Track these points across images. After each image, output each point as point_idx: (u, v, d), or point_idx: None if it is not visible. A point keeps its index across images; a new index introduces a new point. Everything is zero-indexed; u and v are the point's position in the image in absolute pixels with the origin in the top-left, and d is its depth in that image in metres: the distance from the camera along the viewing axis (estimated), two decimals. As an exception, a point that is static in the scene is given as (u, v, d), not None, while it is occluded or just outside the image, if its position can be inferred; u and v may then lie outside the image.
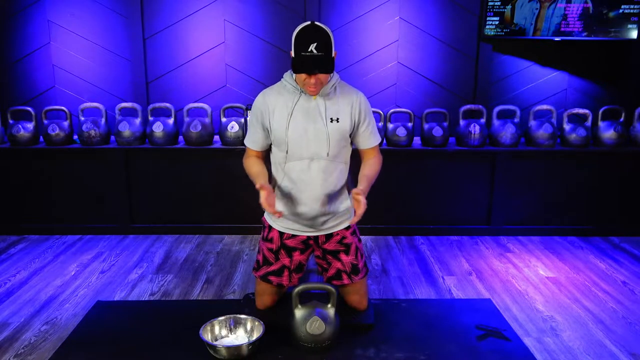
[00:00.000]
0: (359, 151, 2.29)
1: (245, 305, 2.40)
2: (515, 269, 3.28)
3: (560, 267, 3.31)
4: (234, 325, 2.13)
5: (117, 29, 4.00)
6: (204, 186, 3.79)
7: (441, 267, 3.29)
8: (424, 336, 2.20)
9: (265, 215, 2.36)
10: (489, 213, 3.84)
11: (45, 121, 3.75)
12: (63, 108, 3.76)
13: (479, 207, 3.84)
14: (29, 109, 3.75)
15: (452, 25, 4.03)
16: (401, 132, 3.72)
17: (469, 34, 4.04)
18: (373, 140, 2.26)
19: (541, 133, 3.76)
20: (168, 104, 3.78)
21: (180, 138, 3.95)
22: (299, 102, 2.13)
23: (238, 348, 1.98)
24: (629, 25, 3.85)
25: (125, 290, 2.93)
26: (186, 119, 3.77)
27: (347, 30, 4.03)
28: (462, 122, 3.80)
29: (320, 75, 2.02)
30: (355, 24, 4.03)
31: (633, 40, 3.89)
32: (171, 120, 3.75)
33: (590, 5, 3.83)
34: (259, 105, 2.18)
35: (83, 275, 3.13)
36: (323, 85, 2.09)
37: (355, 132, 2.22)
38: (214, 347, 1.98)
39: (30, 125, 3.74)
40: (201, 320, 2.10)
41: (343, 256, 2.29)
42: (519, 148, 3.78)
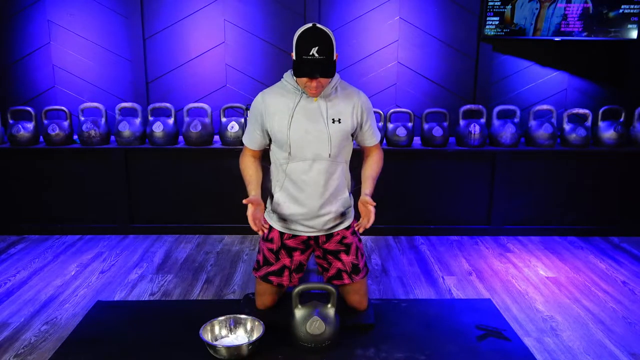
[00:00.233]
0: (361, 147, 2.33)
1: (245, 305, 2.40)
2: (515, 269, 3.27)
3: (560, 267, 3.31)
4: (234, 325, 2.13)
5: (117, 29, 4.00)
6: (204, 186, 3.79)
7: (441, 267, 3.29)
8: (424, 336, 2.20)
9: (266, 215, 2.35)
10: (489, 213, 3.84)
11: (45, 121, 3.75)
12: (63, 108, 3.76)
13: (479, 207, 3.84)
14: (29, 109, 3.75)
15: (452, 25, 4.03)
16: (401, 132, 3.72)
17: (469, 34, 4.04)
18: (375, 137, 2.29)
19: (541, 133, 3.76)
20: (168, 104, 3.78)
21: (180, 138, 3.95)
22: (300, 103, 2.12)
23: (238, 348, 1.98)
24: (629, 25, 3.85)
25: (125, 290, 2.93)
26: (186, 119, 3.77)
27: (347, 30, 4.03)
28: (462, 122, 3.80)
29: (321, 78, 2.02)
30: (355, 24, 4.03)
31: (633, 40, 3.89)
32: (171, 120, 3.75)
33: (590, 5, 3.83)
34: (258, 106, 2.17)
35: (83, 275, 3.13)
36: (324, 88, 2.09)
37: (359, 132, 2.23)
38: (214, 347, 1.98)
39: (30, 125, 3.74)
40: (201, 320, 2.10)
41: (343, 256, 2.29)
42: (519, 148, 3.78)
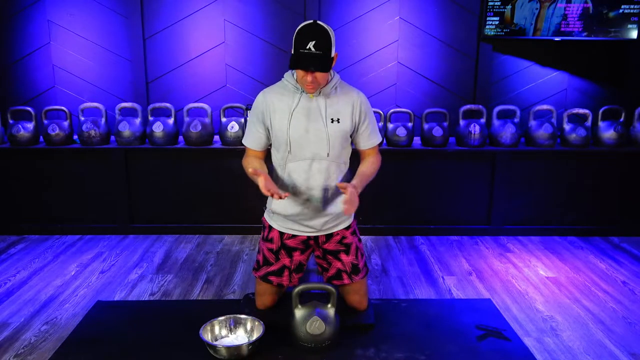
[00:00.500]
0: (358, 151, 2.29)
1: (245, 305, 2.40)
2: (515, 269, 3.27)
3: (560, 267, 3.31)
4: (234, 325, 2.13)
5: (117, 29, 4.00)
6: (204, 186, 3.79)
7: (441, 267, 3.29)
8: (424, 336, 2.20)
9: (265, 215, 2.36)
10: (489, 213, 3.84)
11: (45, 121, 3.75)
12: (63, 108, 3.76)
13: (479, 207, 3.84)
14: (29, 109, 3.75)
15: (452, 25, 4.03)
16: (401, 132, 3.72)
17: (469, 34, 4.04)
18: (372, 140, 2.25)
19: (541, 133, 3.76)
20: (168, 104, 3.78)
21: (180, 138, 3.95)
22: (300, 102, 2.12)
23: (238, 348, 1.98)
24: (629, 25, 3.85)
25: (125, 290, 2.93)
26: (186, 119, 3.77)
27: (347, 30, 4.03)
28: (462, 122, 3.80)
29: (317, 74, 2.01)
30: (355, 24, 4.03)
31: (633, 40, 3.88)
32: (171, 120, 3.75)
33: (590, 5, 3.83)
34: (260, 104, 2.17)
35: (83, 275, 3.13)
36: (321, 85, 2.09)
37: (355, 133, 2.22)
38: (214, 347, 1.98)
39: (30, 125, 3.74)
40: (201, 320, 2.10)
41: (343, 256, 2.29)
42: (519, 148, 3.78)
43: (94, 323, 2.32)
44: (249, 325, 2.13)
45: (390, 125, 3.77)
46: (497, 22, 3.90)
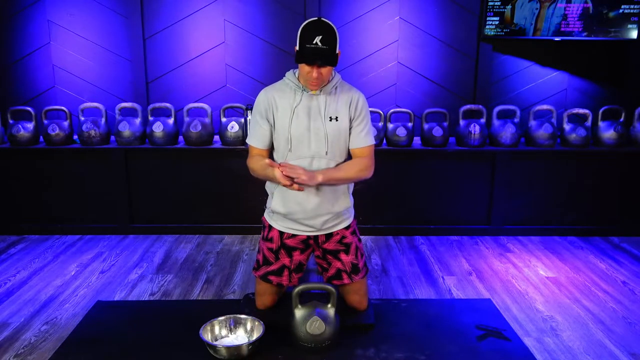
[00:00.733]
0: (350, 152, 2.24)
1: (245, 305, 2.40)
2: (515, 269, 3.27)
3: (560, 267, 3.31)
4: (234, 325, 2.14)
5: (117, 29, 4.00)
6: (204, 186, 3.79)
7: (441, 267, 3.29)
8: (424, 336, 2.20)
9: (266, 215, 2.36)
10: (489, 213, 3.84)
11: (45, 121, 3.75)
12: (63, 108, 3.76)
13: (479, 207, 3.84)
14: (29, 109, 3.75)
15: (452, 25, 4.03)
16: (401, 132, 3.72)
17: (469, 34, 4.04)
18: (364, 140, 2.20)
19: (541, 133, 3.76)
20: (168, 104, 3.78)
21: (180, 138, 3.95)
22: (302, 101, 2.13)
23: (238, 348, 1.98)
24: (629, 25, 3.85)
25: (125, 290, 2.93)
26: (186, 119, 3.77)
27: (347, 30, 4.03)
28: (462, 122, 3.80)
29: (322, 69, 2.02)
30: (355, 24, 4.03)
31: (633, 40, 3.88)
32: (171, 120, 3.75)
33: (590, 5, 3.83)
34: (262, 101, 2.18)
35: (83, 275, 3.13)
36: (324, 82, 2.10)
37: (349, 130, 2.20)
38: (214, 347, 1.98)
39: (30, 125, 3.74)
40: (201, 320, 2.10)
41: (343, 256, 2.29)
42: (519, 148, 3.78)
43: (94, 323, 2.32)
44: (249, 325, 2.13)
45: (390, 125, 3.77)
46: (497, 22, 3.90)
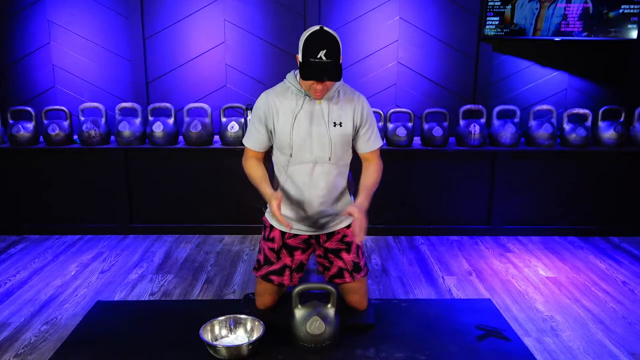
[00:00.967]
0: (358, 155, 2.28)
1: (245, 305, 2.40)
2: (515, 269, 3.27)
3: (560, 267, 3.31)
4: (234, 325, 2.13)
5: (117, 29, 4.00)
6: (204, 186, 3.79)
7: (441, 267, 3.29)
8: (424, 336, 2.20)
9: (267, 215, 2.36)
10: (489, 213, 3.84)
11: (45, 121, 3.75)
12: (63, 108, 3.76)
13: (479, 207, 3.84)
14: (29, 109, 3.75)
15: (452, 25, 4.03)
16: (401, 132, 3.72)
17: (469, 34, 4.04)
18: (372, 144, 2.23)
19: (541, 133, 3.76)
20: (168, 104, 3.78)
21: (180, 138, 3.95)
22: (303, 106, 2.12)
23: (238, 348, 1.98)
24: (629, 25, 3.85)
25: (125, 290, 2.93)
26: (186, 119, 3.77)
27: (347, 30, 4.02)
28: (462, 122, 3.80)
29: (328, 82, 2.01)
30: (355, 24, 4.03)
31: (633, 40, 3.89)
32: (171, 120, 3.75)
33: (590, 5, 3.83)
34: (262, 106, 2.16)
35: (83, 275, 3.13)
36: (329, 90, 2.09)
37: (355, 136, 2.21)
38: (214, 347, 1.98)
39: (30, 125, 3.74)
40: (201, 320, 2.10)
41: (344, 254, 2.29)
42: (519, 148, 3.78)
43: (94, 323, 2.32)
44: (249, 325, 2.13)
45: (390, 125, 3.77)
46: (497, 22, 3.90)
